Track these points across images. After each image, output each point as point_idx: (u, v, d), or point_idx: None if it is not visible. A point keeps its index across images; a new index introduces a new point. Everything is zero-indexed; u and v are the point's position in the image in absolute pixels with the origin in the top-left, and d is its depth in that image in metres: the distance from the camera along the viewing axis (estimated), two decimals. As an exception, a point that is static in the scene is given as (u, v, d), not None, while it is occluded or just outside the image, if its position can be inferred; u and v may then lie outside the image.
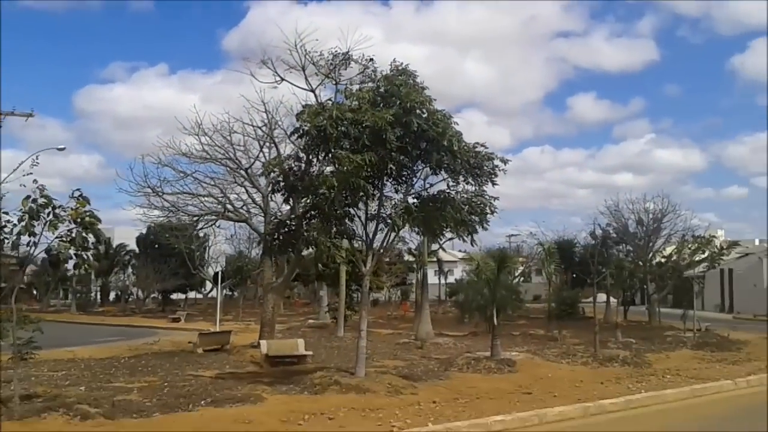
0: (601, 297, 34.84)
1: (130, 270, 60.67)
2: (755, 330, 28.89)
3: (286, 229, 14.76)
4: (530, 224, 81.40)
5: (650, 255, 36.00)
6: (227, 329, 24.54)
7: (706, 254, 33.99)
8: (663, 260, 36.31)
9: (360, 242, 15.03)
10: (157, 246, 50.60)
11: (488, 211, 14.09)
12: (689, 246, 34.06)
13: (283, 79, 16.67)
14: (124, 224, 37.59)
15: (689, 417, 11.92)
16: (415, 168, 14.24)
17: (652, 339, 23.92)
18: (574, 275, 41.31)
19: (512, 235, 52.14)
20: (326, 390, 12.66)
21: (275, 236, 14.99)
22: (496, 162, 13.89)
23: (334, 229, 14.17)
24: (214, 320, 29.17)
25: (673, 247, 36.01)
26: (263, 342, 18.27)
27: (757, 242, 65.57)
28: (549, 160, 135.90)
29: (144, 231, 49.24)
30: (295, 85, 16.44)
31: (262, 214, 20.67)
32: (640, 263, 35.73)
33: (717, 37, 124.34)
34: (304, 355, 17.75)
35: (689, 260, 33.95)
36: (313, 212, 14.24)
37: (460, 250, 55.55)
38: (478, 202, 13.99)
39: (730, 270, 47.54)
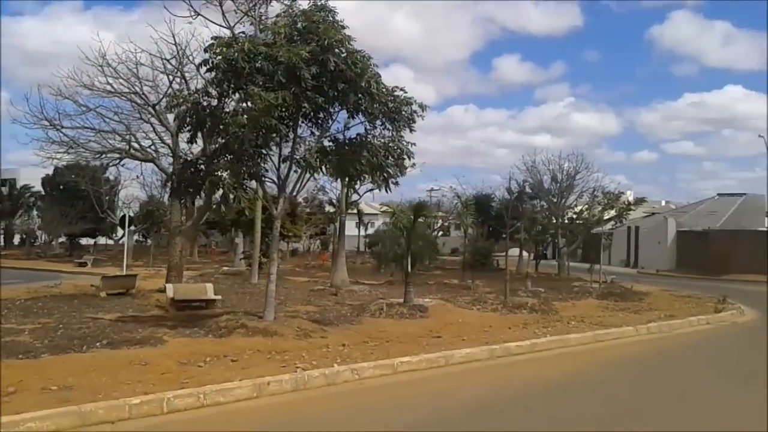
0: (515, 252, 35.80)
1: (35, 212, 57.77)
2: (657, 283, 30.48)
3: (193, 170, 14.03)
4: (451, 180, 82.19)
5: (563, 211, 37.10)
6: (134, 273, 23.60)
7: (615, 210, 35.23)
8: (574, 216, 37.50)
9: (273, 184, 14.51)
10: (62, 188, 48.17)
11: (405, 156, 13.84)
12: (599, 202, 35.20)
13: (198, 14, 15.70)
14: (31, 165, 35.32)
15: (589, 361, 12.29)
16: (331, 110, 13.73)
17: (560, 289, 24.66)
18: (490, 228, 42.22)
19: (433, 189, 52.68)
20: (232, 333, 12.30)
21: (181, 177, 14.22)
22: (414, 107, 13.57)
23: (244, 169, 13.55)
24: (122, 266, 28.03)
25: (585, 204, 37.20)
26: (169, 285, 17.53)
27: (663, 203, 69.18)
28: (472, 119, 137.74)
29: (51, 172, 46.44)
30: (211, 21, 15.53)
31: (171, 155, 19.67)
32: (553, 219, 36.79)
33: (638, 6, 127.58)
34: (212, 299, 17.14)
35: (599, 217, 35.15)
36: (223, 152, 13.59)
37: (381, 204, 55.68)
38: (395, 147, 13.68)
39: (636, 228, 49.72)
